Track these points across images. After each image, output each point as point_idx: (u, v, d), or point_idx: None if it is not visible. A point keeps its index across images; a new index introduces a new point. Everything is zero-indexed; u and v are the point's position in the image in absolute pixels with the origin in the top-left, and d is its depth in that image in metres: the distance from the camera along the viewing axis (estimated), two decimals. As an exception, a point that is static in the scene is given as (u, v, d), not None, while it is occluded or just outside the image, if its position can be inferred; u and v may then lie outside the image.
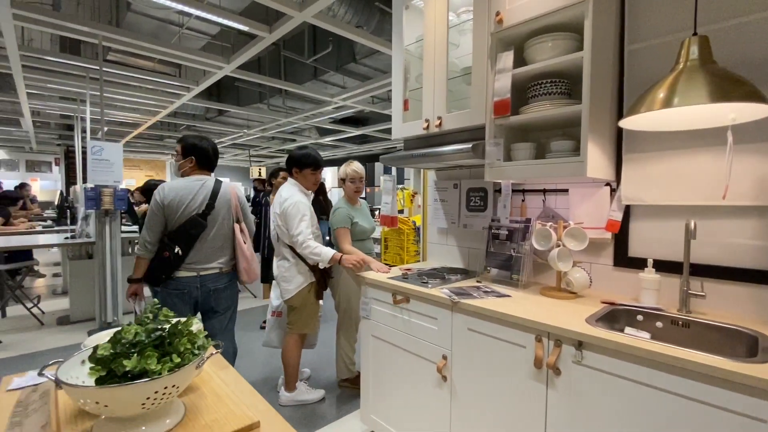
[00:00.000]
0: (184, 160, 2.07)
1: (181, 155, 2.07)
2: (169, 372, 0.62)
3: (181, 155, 2.07)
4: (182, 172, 2.10)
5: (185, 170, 2.09)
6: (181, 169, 2.10)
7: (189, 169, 2.09)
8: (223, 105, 6.96)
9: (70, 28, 3.71)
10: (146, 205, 5.82)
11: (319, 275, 2.32)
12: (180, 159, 2.08)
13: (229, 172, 16.59)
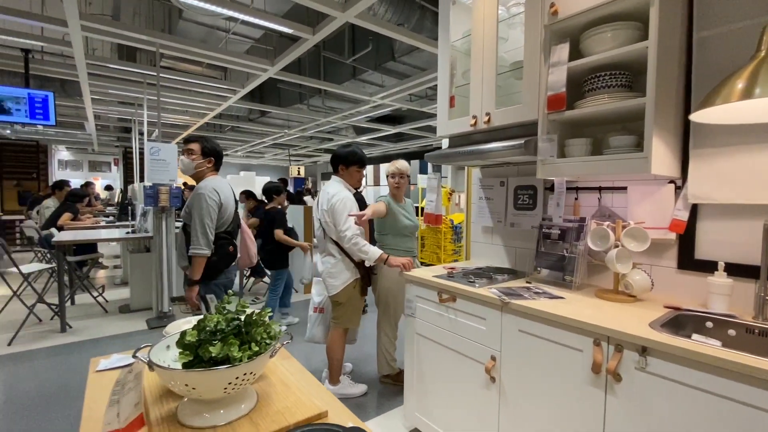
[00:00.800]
0: (204, 160, 2.15)
1: (201, 155, 2.14)
2: (248, 359, 0.66)
3: (201, 155, 2.14)
4: (198, 171, 2.15)
5: (202, 170, 2.16)
6: (198, 168, 2.15)
7: (206, 169, 2.17)
8: (266, 106, 7.21)
9: (130, 36, 3.98)
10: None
11: (364, 272, 2.36)
12: (199, 159, 2.14)
13: (269, 171, 17.15)
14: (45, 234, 4.33)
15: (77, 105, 6.69)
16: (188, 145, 2.13)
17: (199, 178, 2.16)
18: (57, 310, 3.57)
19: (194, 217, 2.00)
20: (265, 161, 16.54)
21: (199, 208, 2.00)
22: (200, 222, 1.99)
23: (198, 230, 1.98)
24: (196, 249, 1.98)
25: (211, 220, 2.02)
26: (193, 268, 2.00)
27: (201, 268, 2.00)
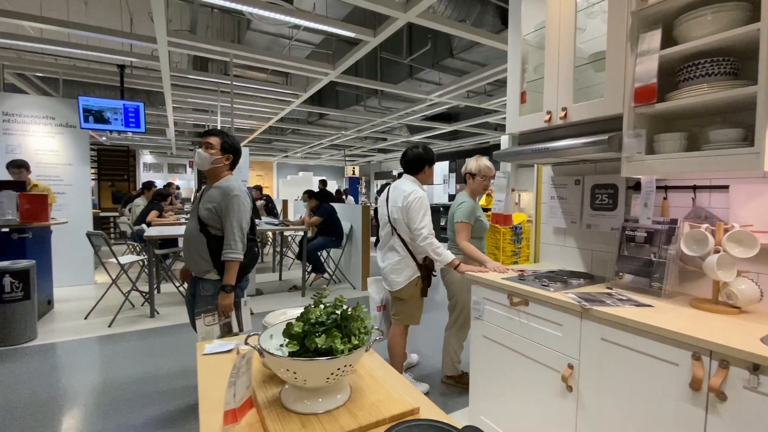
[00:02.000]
0: (222, 157, 1.97)
1: (220, 151, 1.96)
2: (349, 351, 0.69)
3: (220, 151, 1.96)
4: (214, 167, 1.96)
5: (219, 167, 1.98)
6: (215, 164, 1.95)
7: (223, 167, 1.99)
8: (324, 109, 7.46)
9: (207, 48, 4.33)
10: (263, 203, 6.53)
11: (425, 273, 2.37)
12: (218, 155, 1.96)
13: (325, 172, 17.75)
14: (136, 229, 4.86)
15: (160, 113, 7.42)
16: (207, 138, 1.98)
17: (214, 175, 1.99)
18: (147, 297, 4.00)
19: (230, 221, 1.87)
20: (321, 162, 17.14)
21: (237, 211, 1.88)
22: (238, 226, 1.88)
23: (236, 234, 1.87)
24: (234, 253, 1.87)
25: (247, 223, 1.93)
26: (228, 274, 1.87)
27: (236, 272, 1.89)
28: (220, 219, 1.88)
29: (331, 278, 5.14)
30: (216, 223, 1.89)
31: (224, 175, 1.99)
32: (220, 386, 0.87)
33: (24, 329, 3.21)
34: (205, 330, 1.75)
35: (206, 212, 1.89)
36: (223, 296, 1.87)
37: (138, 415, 2.24)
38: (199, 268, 1.93)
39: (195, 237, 1.93)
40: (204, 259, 1.91)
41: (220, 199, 1.88)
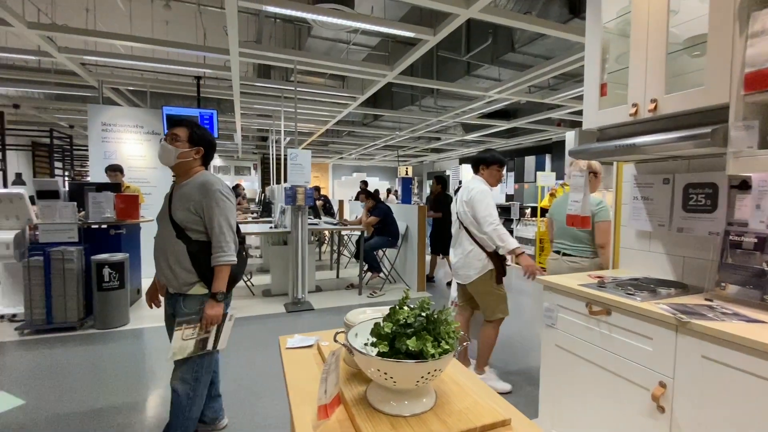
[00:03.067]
0: (191, 149, 1.70)
1: (187, 142, 1.69)
2: (439, 356, 0.68)
3: (187, 142, 1.69)
4: (182, 162, 1.69)
5: (187, 161, 1.69)
6: (181, 158, 1.68)
7: (193, 161, 1.71)
8: (380, 110, 7.54)
9: (273, 57, 4.57)
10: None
11: (497, 261, 2.41)
12: (184, 147, 1.68)
13: (378, 172, 17.97)
14: (210, 227, 5.27)
15: (228, 120, 7.98)
16: (174, 129, 1.71)
17: (183, 172, 1.72)
18: (219, 290, 4.31)
19: (216, 219, 1.61)
20: (374, 162, 17.38)
21: (221, 207, 1.62)
22: (227, 224, 1.63)
23: (225, 234, 1.62)
24: (225, 256, 1.60)
25: (234, 221, 1.70)
26: (219, 280, 1.61)
27: (227, 277, 1.64)
28: (201, 220, 1.62)
29: (386, 278, 5.18)
30: (197, 225, 1.62)
31: (196, 170, 1.72)
32: (305, 380, 0.90)
33: (119, 315, 3.61)
34: (180, 345, 1.57)
35: (183, 214, 1.62)
36: (212, 305, 1.60)
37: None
38: (180, 282, 1.63)
39: (171, 245, 1.63)
40: (186, 270, 1.62)
41: (199, 196, 1.62)
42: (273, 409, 2.34)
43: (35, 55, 4.81)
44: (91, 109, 5.38)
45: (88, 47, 5.18)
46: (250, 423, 2.18)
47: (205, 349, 1.67)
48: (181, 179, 1.73)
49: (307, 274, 4.40)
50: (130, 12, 4.96)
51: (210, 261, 1.61)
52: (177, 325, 1.59)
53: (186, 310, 1.64)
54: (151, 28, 5.38)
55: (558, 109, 6.83)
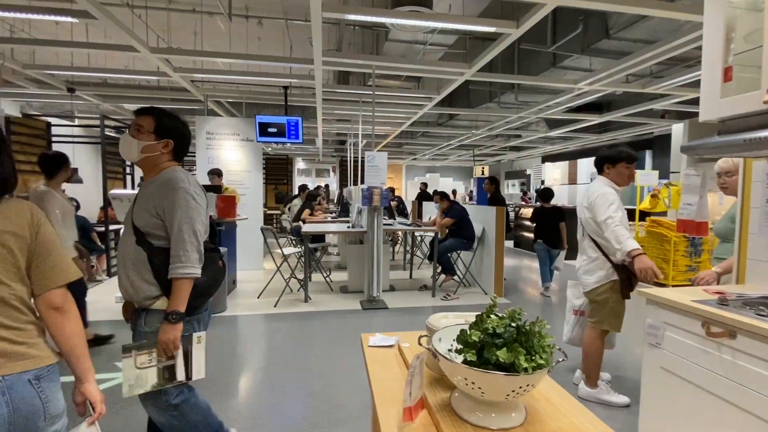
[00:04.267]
0: (157, 142, 1.42)
1: (153, 134, 1.42)
2: (532, 370, 0.64)
3: (153, 134, 1.42)
4: (147, 157, 1.43)
5: (153, 156, 1.43)
6: (146, 152, 1.42)
7: (160, 155, 1.44)
8: (455, 109, 7.41)
9: (353, 63, 4.75)
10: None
11: (624, 275, 2.22)
12: (150, 139, 1.41)
13: (452, 172, 17.68)
14: (294, 225, 5.67)
15: (310, 125, 8.51)
16: (138, 119, 1.44)
17: (148, 168, 1.47)
18: (302, 284, 4.62)
19: (177, 222, 1.34)
20: (448, 163, 17.12)
21: (184, 208, 1.35)
22: (189, 229, 1.34)
23: (186, 241, 1.33)
24: (184, 267, 1.32)
25: (203, 225, 1.43)
26: (176, 297, 1.33)
27: (188, 294, 1.35)
28: (164, 224, 1.36)
29: (461, 281, 5.06)
30: (159, 229, 1.37)
31: (164, 166, 1.45)
32: (387, 379, 0.92)
33: (219, 302, 4.07)
34: (136, 374, 1.30)
35: (144, 217, 1.36)
36: (166, 328, 1.32)
37: (290, 382, 2.60)
38: (141, 295, 1.37)
39: (131, 253, 1.38)
40: (146, 282, 1.37)
41: (161, 195, 1.36)
42: (349, 401, 2.43)
43: (155, 75, 5.65)
44: (198, 121, 6.15)
45: (196, 66, 5.92)
46: (328, 415, 2.29)
47: (175, 380, 1.39)
48: (148, 176, 1.47)
49: (382, 274, 4.49)
50: (230, 32, 5.55)
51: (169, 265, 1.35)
52: (124, 351, 1.31)
53: (146, 328, 1.38)
54: (246, 45, 5.95)
55: (662, 99, 6.04)
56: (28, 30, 5.25)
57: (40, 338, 0.95)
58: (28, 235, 0.93)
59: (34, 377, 0.90)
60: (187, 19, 4.97)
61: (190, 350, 1.42)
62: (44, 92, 6.66)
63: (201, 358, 1.44)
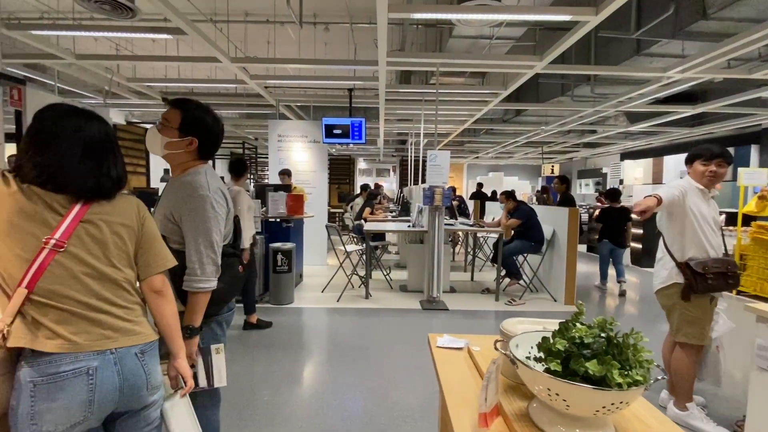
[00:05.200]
0: (181, 140, 1.32)
1: (177, 130, 1.32)
2: (627, 387, 0.58)
3: (177, 130, 1.32)
4: (173, 155, 1.35)
5: (178, 154, 1.35)
6: (170, 149, 1.33)
7: (183, 154, 1.35)
8: (523, 104, 7.05)
9: (416, 62, 4.74)
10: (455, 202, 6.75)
11: (689, 273, 2.01)
12: (174, 135, 1.32)
13: (517, 171, 16.90)
14: (356, 223, 5.82)
15: (372, 126, 8.64)
16: (166, 112, 1.36)
17: (174, 165, 1.39)
18: (364, 281, 4.72)
19: (194, 233, 1.27)
20: (513, 161, 16.38)
21: (203, 219, 1.27)
22: (206, 240, 1.27)
23: (203, 252, 1.27)
24: (199, 282, 1.26)
25: (220, 234, 1.33)
26: (191, 311, 1.28)
27: (203, 308, 1.29)
28: (179, 229, 1.30)
29: (527, 286, 4.81)
30: (175, 234, 1.30)
31: (191, 166, 1.36)
32: (458, 381, 0.90)
33: (288, 294, 4.31)
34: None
35: (161, 220, 1.30)
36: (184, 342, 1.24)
37: (350, 375, 2.66)
38: None
39: None
40: None
41: (179, 200, 1.30)
42: (408, 399, 2.43)
43: (233, 83, 6.12)
44: (270, 124, 6.57)
45: (269, 73, 6.33)
46: (387, 411, 2.31)
47: (198, 387, 1.36)
48: (173, 173, 1.40)
49: (443, 274, 4.43)
50: (299, 39, 5.84)
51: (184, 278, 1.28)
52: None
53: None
54: (314, 51, 6.22)
55: (773, 84, 5.20)
56: (130, 48, 6.00)
57: (143, 317, 1.07)
58: (136, 226, 1.06)
59: (139, 351, 1.02)
60: (261, 29, 5.32)
61: (210, 360, 1.40)
62: (143, 102, 7.57)
63: (222, 366, 1.42)
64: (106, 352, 0.95)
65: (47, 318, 0.90)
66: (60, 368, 0.89)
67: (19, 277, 0.88)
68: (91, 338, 0.94)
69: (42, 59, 5.11)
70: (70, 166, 0.94)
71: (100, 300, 0.96)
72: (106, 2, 3.10)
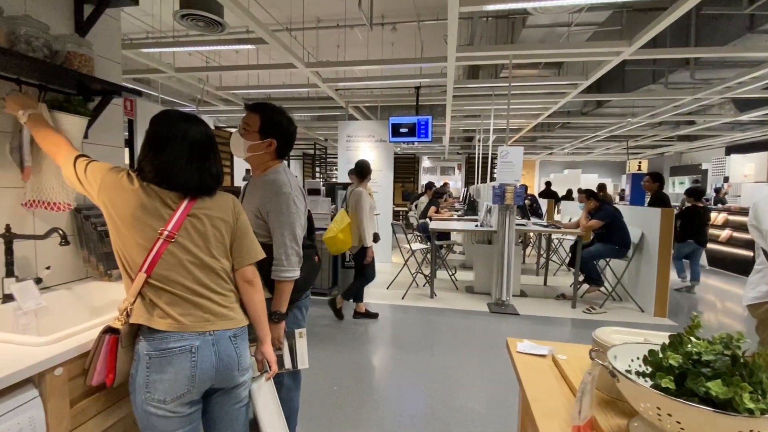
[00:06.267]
0: (262, 142, 1.46)
1: (258, 133, 1.46)
2: (761, 413, 0.50)
3: (258, 133, 1.46)
4: (255, 156, 1.49)
5: (257, 155, 1.49)
6: (252, 151, 1.47)
7: (264, 155, 1.49)
8: (607, 95, 6.46)
9: (486, 56, 4.57)
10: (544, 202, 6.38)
11: None
12: (255, 139, 1.46)
13: (597, 168, 15.54)
14: (421, 222, 5.79)
15: (438, 124, 8.54)
16: (246, 116, 1.49)
17: (256, 165, 1.54)
18: (428, 279, 4.68)
19: (280, 227, 1.42)
20: (592, 157, 15.10)
21: (288, 213, 1.42)
22: (291, 234, 1.42)
23: (288, 245, 1.42)
24: (286, 271, 1.41)
25: (302, 228, 1.49)
26: (279, 298, 1.43)
27: (289, 295, 1.44)
28: (266, 224, 1.45)
29: (609, 294, 4.40)
30: (262, 228, 1.45)
31: (270, 165, 1.51)
32: (544, 391, 0.85)
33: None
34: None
35: (250, 216, 1.41)
36: (271, 327, 1.38)
37: (415, 372, 2.64)
38: None
39: None
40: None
41: (265, 197, 1.44)
42: (476, 402, 2.37)
43: (306, 87, 6.45)
44: (340, 125, 6.81)
45: (338, 76, 6.56)
46: (453, 412, 2.27)
47: (284, 368, 1.53)
48: (255, 173, 1.55)
49: (513, 277, 4.23)
50: (367, 40, 5.97)
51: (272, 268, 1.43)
52: None
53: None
54: (381, 51, 6.31)
55: None
56: (217, 60, 6.62)
57: (236, 304, 1.17)
58: (232, 220, 1.17)
59: (233, 335, 1.12)
60: (331, 34, 5.53)
61: (294, 344, 1.54)
62: (229, 108, 8.32)
63: (304, 350, 1.56)
64: (205, 334, 1.06)
65: (161, 300, 1.02)
66: (169, 345, 1.01)
67: (140, 263, 1.02)
68: (194, 320, 1.04)
69: (149, 74, 5.85)
70: (180, 166, 1.06)
71: (201, 286, 1.07)
72: (200, 19, 3.46)
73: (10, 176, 1.36)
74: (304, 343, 1.56)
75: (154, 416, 1.00)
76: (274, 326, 1.42)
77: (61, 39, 1.37)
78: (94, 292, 1.53)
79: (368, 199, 3.55)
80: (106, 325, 1.02)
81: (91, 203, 1.56)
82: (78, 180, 1.10)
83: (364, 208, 3.49)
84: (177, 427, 1.04)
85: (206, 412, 1.15)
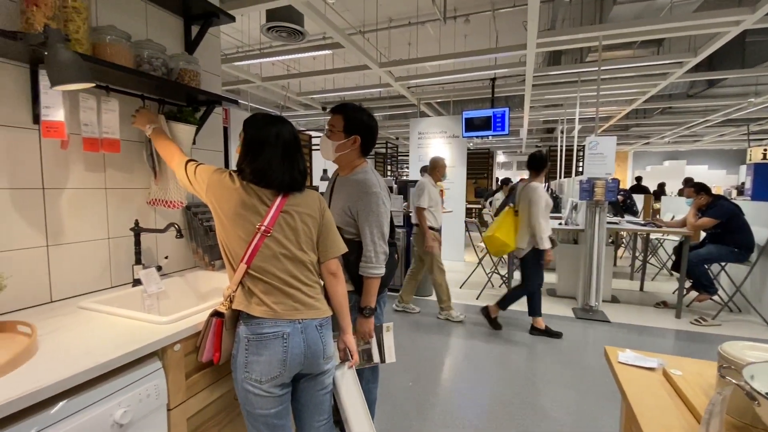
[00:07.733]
0: (347, 140, 1.53)
1: (343, 132, 1.52)
2: None
3: (343, 132, 1.52)
4: (343, 155, 1.56)
5: (344, 154, 1.55)
6: (340, 151, 1.54)
7: (350, 152, 1.55)
8: (722, 73, 5.55)
9: (572, 39, 4.20)
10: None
11: None
12: (341, 138, 1.52)
13: (707, 158, 13.46)
14: (497, 220, 5.56)
15: (515, 116, 8.10)
16: (331, 119, 1.57)
17: (344, 165, 1.61)
18: (505, 280, 4.48)
19: (369, 226, 1.49)
20: (699, 146, 13.11)
21: (377, 213, 1.48)
22: (379, 232, 1.49)
23: (376, 243, 1.49)
24: (375, 268, 1.49)
25: (388, 227, 1.55)
26: (368, 294, 1.51)
27: (377, 290, 1.52)
28: (355, 222, 1.52)
29: (725, 304, 3.77)
30: (350, 226, 1.53)
31: (357, 163, 1.58)
32: (654, 407, 0.75)
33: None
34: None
35: (339, 213, 1.53)
36: (362, 321, 1.52)
37: (489, 376, 2.53)
38: None
39: None
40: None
41: (355, 196, 1.51)
42: (558, 413, 2.20)
43: (379, 87, 6.56)
44: (411, 123, 6.82)
45: (410, 74, 6.56)
46: (532, 422, 2.14)
47: (372, 362, 1.61)
48: (343, 172, 1.63)
49: (603, 281, 3.85)
50: (439, 35, 5.87)
51: (359, 263, 1.52)
52: None
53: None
54: (453, 45, 6.17)
55: None
56: (297, 67, 7.05)
57: (321, 295, 1.24)
58: (318, 216, 1.23)
59: (318, 324, 1.18)
60: (402, 32, 5.54)
61: (382, 338, 1.60)
62: (308, 112, 8.83)
63: (391, 344, 1.61)
64: (295, 322, 1.13)
65: (257, 288, 1.12)
66: (264, 330, 1.10)
67: (240, 255, 1.12)
68: (285, 308, 1.13)
69: (239, 84, 6.46)
70: (275, 166, 1.15)
71: (292, 277, 1.15)
72: (283, 30, 3.71)
73: (141, 179, 1.60)
74: (391, 337, 1.61)
75: (252, 394, 1.10)
76: (365, 321, 1.51)
77: (175, 58, 1.57)
78: (200, 280, 1.73)
79: (544, 194, 3.03)
80: (213, 309, 1.14)
81: (199, 201, 1.77)
82: (189, 181, 1.25)
83: (540, 205, 3.00)
84: (271, 406, 1.13)
85: (294, 396, 1.23)
